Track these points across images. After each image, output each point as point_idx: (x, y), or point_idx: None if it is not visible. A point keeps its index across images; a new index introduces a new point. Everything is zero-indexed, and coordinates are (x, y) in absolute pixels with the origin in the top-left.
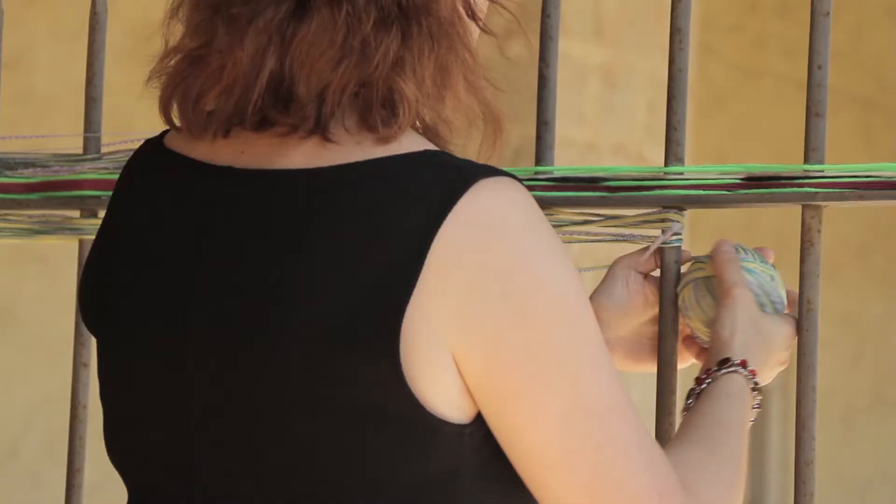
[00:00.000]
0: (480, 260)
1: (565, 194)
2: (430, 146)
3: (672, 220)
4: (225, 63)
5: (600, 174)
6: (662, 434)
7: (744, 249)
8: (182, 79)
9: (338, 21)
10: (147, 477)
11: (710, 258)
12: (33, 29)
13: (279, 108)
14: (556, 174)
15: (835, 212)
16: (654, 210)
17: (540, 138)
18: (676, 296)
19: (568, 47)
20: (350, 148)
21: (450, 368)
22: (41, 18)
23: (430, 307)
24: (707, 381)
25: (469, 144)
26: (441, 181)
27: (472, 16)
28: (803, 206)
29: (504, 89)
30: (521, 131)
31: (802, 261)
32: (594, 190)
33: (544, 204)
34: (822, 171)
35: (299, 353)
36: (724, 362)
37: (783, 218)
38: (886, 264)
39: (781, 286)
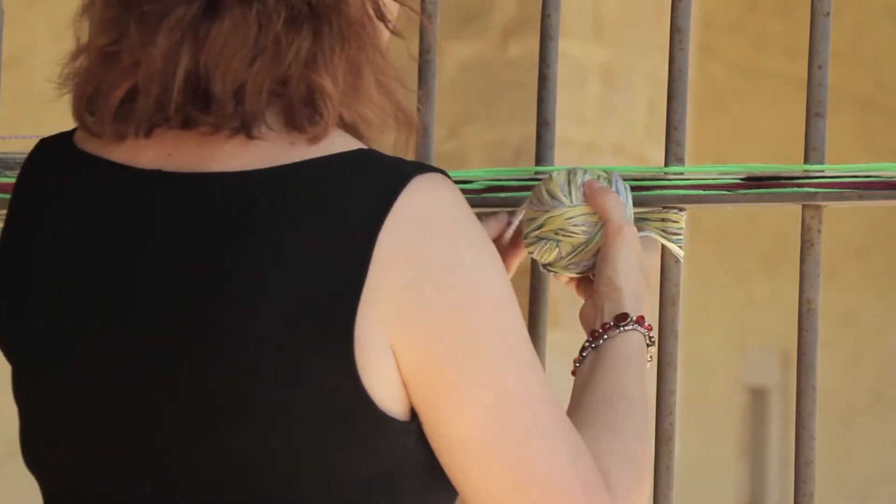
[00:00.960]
0: (417, 256)
1: None
2: (361, 145)
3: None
4: (138, 59)
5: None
6: (662, 434)
7: (606, 179)
8: (94, 76)
9: (249, 19)
10: (82, 484)
11: (546, 203)
12: (33, 29)
13: (199, 108)
14: None
15: (835, 212)
16: (655, 209)
17: (540, 138)
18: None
19: (568, 47)
20: (284, 148)
21: (391, 362)
22: (41, 18)
23: (375, 304)
24: (604, 336)
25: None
26: (379, 180)
27: (382, 17)
28: (803, 206)
29: (413, 89)
30: (521, 131)
31: (802, 261)
32: None
33: None
34: (822, 170)
35: (250, 354)
36: (622, 318)
37: (783, 218)
38: (886, 264)
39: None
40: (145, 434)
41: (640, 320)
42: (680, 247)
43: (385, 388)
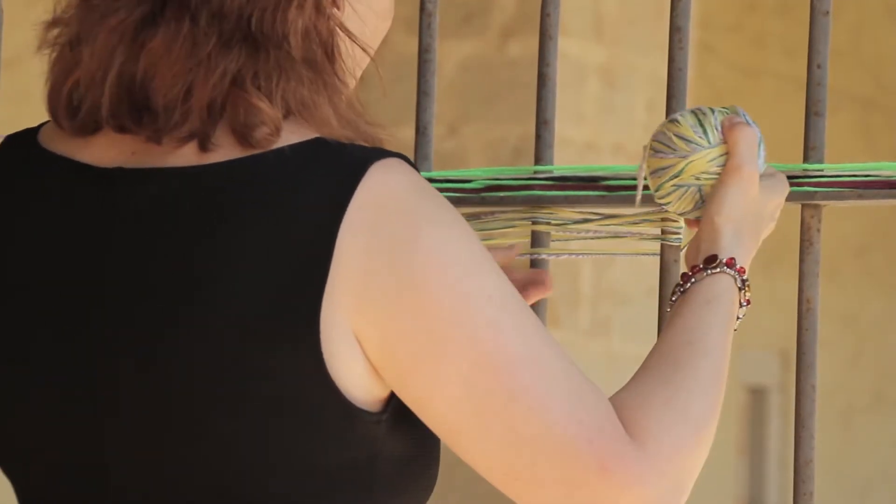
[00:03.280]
0: (373, 239)
1: (565, 193)
2: (314, 133)
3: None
4: (80, 55)
5: (599, 173)
6: None
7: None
8: (53, 66)
9: (183, 35)
10: (54, 485)
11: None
12: (33, 29)
13: (133, 118)
14: (556, 173)
15: (834, 211)
16: (654, 209)
17: (539, 137)
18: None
19: (567, 47)
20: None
21: (357, 352)
22: (41, 18)
23: (338, 294)
24: (692, 279)
25: None
26: (339, 169)
27: (332, 61)
28: (802, 206)
29: (384, 129)
30: (521, 131)
31: (802, 260)
32: (593, 189)
33: (543, 202)
34: (822, 170)
35: (217, 349)
36: (711, 261)
37: (783, 217)
38: (886, 264)
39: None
40: (115, 434)
41: (731, 262)
42: (679, 246)
43: (352, 379)
